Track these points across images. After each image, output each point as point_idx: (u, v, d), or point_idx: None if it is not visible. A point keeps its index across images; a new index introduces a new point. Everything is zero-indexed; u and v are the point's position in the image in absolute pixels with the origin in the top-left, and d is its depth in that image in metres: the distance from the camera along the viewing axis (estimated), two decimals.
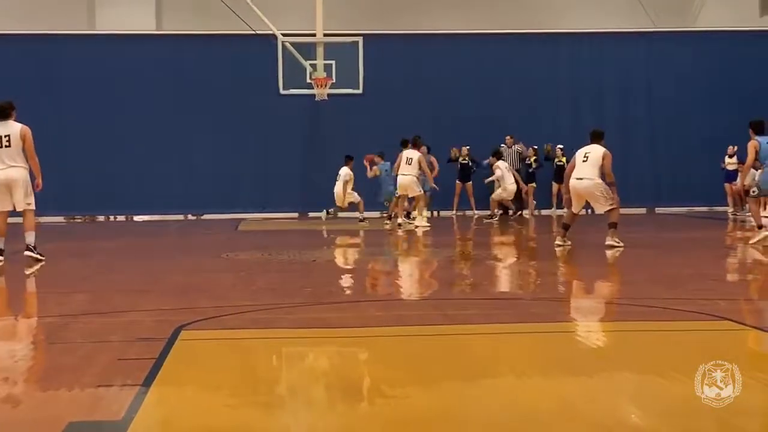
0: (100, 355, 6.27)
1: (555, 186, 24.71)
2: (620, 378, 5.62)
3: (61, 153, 23.11)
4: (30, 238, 12.24)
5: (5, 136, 12.20)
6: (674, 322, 7.66)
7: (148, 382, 5.30)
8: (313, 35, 22.07)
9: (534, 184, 24.72)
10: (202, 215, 25.43)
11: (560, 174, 22.41)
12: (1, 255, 12.26)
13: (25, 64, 24.46)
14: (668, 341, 6.84)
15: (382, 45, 24.06)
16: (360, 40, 22.09)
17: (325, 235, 19.55)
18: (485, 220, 22.19)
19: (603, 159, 14.10)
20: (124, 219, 25.50)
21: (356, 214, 22.04)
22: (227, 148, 25.01)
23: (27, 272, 11.52)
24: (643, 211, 25.79)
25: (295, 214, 25.25)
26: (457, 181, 24.83)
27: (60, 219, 24.40)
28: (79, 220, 25.52)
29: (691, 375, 4.81)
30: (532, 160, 24.76)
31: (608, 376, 5.66)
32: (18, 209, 12.33)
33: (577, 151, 14.65)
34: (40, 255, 12.33)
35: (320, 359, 6.41)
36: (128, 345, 6.64)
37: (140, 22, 26.05)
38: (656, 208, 26.28)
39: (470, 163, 24.72)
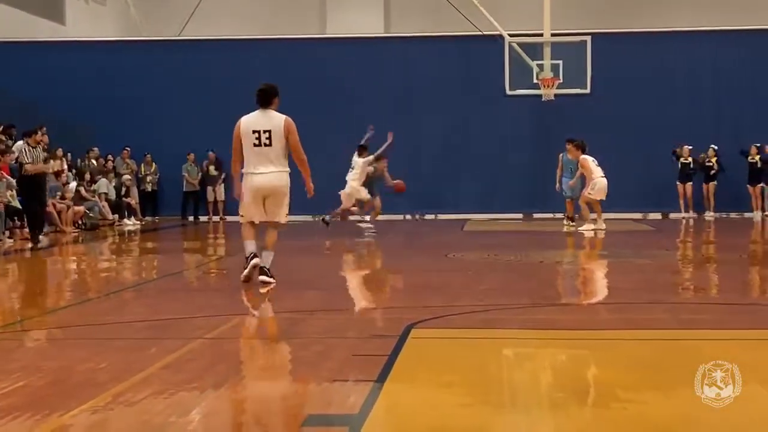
0: (335, 350, 6.46)
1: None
2: None
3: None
4: (268, 258, 9.92)
5: (264, 132, 9.64)
6: None
7: (381, 379, 5.42)
8: (540, 35, 21.95)
9: None
10: (424, 215, 25.60)
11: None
12: (256, 257, 9.90)
13: (265, 66, 25.39)
14: None
15: (610, 43, 23.61)
16: (588, 39, 21.80)
17: (551, 237, 19.38)
18: None
19: None
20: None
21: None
22: (452, 149, 25.14)
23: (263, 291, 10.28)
24: None
25: (520, 215, 25.13)
26: (678, 182, 24.05)
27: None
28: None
29: None
30: None
31: None
32: (267, 219, 9.98)
33: None
34: (273, 278, 9.92)
35: (550, 361, 6.37)
36: (362, 341, 6.81)
37: (369, 25, 26.63)
38: None
39: (692, 164, 23.90)
